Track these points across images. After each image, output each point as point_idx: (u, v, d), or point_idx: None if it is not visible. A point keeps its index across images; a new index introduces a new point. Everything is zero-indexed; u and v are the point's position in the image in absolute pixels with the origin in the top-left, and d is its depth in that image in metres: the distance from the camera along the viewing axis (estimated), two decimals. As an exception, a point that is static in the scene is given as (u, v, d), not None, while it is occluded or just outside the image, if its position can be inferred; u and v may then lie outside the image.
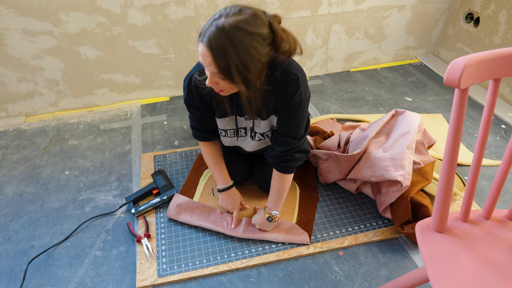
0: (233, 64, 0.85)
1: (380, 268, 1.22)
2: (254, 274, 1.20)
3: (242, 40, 0.83)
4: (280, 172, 1.19)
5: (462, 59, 0.58)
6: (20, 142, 1.79)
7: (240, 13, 0.84)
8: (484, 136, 0.71)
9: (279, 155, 1.15)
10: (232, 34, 0.82)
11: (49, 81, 1.86)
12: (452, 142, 0.68)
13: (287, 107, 1.06)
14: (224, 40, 0.82)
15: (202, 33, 0.86)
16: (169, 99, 2.10)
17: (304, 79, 1.05)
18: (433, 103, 2.07)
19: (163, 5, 1.78)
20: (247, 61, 0.86)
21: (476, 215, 0.84)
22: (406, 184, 1.25)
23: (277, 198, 1.23)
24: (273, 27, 0.88)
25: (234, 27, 0.82)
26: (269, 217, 1.24)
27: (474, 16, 2.17)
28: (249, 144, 1.27)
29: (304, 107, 1.08)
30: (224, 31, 0.82)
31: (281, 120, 1.11)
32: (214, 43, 0.83)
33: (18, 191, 1.52)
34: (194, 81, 1.08)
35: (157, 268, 1.20)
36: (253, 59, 0.86)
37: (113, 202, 1.46)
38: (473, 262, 0.73)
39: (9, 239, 1.32)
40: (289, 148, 1.13)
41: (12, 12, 1.61)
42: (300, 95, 1.03)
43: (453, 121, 0.66)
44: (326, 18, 2.10)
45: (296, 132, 1.12)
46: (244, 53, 0.84)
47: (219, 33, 0.82)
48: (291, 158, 1.15)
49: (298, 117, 1.09)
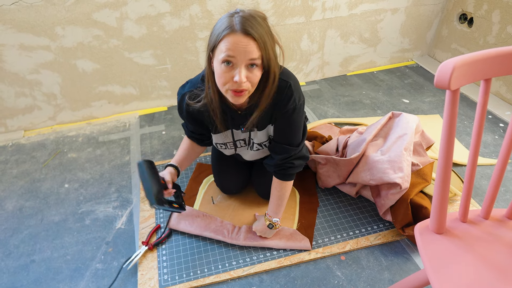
0: (267, 36, 0.89)
1: (383, 271, 1.22)
2: (256, 282, 1.20)
3: (265, 20, 0.90)
4: (280, 179, 1.19)
5: (451, 61, 0.58)
6: (19, 156, 1.79)
7: (246, 10, 0.90)
8: (478, 135, 0.71)
9: (278, 163, 1.15)
10: (258, 17, 0.88)
11: (47, 95, 1.87)
12: (446, 142, 0.69)
13: (283, 115, 1.06)
14: (257, 22, 0.86)
15: (224, 27, 0.86)
16: (167, 109, 2.11)
17: (297, 85, 1.05)
18: (431, 104, 2.07)
19: (158, 16, 1.80)
20: (272, 39, 0.92)
21: (475, 215, 0.84)
22: (405, 186, 1.24)
23: (278, 205, 1.23)
24: None
25: (255, 14, 0.88)
26: (270, 224, 1.24)
27: (468, 16, 2.18)
28: (247, 154, 1.27)
29: (300, 113, 1.08)
30: (252, 16, 0.87)
31: (277, 128, 1.11)
32: (250, 25, 0.85)
33: (18, 206, 1.52)
34: (186, 102, 1.08)
35: (158, 279, 1.20)
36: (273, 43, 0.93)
37: (113, 213, 1.46)
38: (472, 262, 0.72)
39: (9, 254, 1.32)
40: (288, 155, 1.13)
41: (8, 28, 1.62)
42: (294, 102, 1.04)
43: (446, 122, 0.66)
44: (321, 23, 2.11)
45: (293, 139, 1.12)
46: (269, 32, 0.90)
47: (250, 18, 0.86)
48: (291, 166, 1.15)
49: (294, 123, 1.09)
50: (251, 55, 0.86)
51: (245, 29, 0.84)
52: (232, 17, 0.87)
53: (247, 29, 0.84)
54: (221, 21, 0.89)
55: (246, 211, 1.42)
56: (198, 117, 1.13)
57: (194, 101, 1.06)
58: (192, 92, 1.07)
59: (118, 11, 1.72)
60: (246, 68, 0.88)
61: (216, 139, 1.21)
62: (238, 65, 0.87)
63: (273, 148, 1.16)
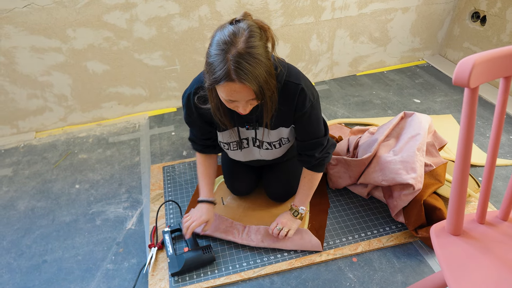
0: (263, 77, 0.86)
1: (396, 274, 1.20)
2: (267, 284, 1.19)
3: (261, 54, 0.85)
4: (315, 171, 1.21)
5: (471, 58, 0.57)
6: (31, 157, 1.81)
7: (240, 32, 0.84)
8: (497, 135, 0.69)
9: (317, 157, 1.16)
10: (253, 54, 0.83)
11: (58, 96, 1.89)
12: (464, 143, 0.67)
13: (302, 115, 1.07)
14: (250, 64, 0.83)
15: (221, 73, 0.84)
16: (176, 110, 2.11)
17: (308, 84, 1.05)
18: (442, 104, 2.04)
19: (168, 18, 1.80)
20: (269, 69, 0.88)
21: (492, 217, 0.82)
22: (419, 187, 1.22)
23: (307, 196, 1.25)
24: (259, 25, 0.89)
25: (251, 46, 0.84)
26: (296, 212, 1.25)
27: (481, 14, 2.15)
28: (255, 154, 1.26)
29: (317, 107, 1.09)
30: (248, 53, 0.83)
31: (301, 128, 1.13)
32: (245, 73, 0.83)
33: (30, 206, 1.53)
34: (193, 100, 1.09)
35: (169, 280, 1.19)
36: (270, 65, 0.90)
37: (123, 214, 1.46)
38: (491, 265, 0.70)
39: (22, 254, 1.33)
40: (322, 146, 1.15)
41: (21, 31, 1.64)
42: (310, 101, 1.05)
43: (464, 122, 0.65)
44: (330, 23, 2.10)
45: (319, 131, 1.14)
46: (265, 63, 0.87)
47: (243, 61, 0.82)
48: (327, 155, 1.18)
49: (315, 118, 1.10)
50: (249, 97, 0.90)
51: (240, 78, 0.84)
52: (228, 53, 0.83)
53: (242, 78, 0.84)
54: (216, 55, 0.85)
55: (256, 212, 1.42)
56: (207, 115, 1.12)
57: (203, 104, 1.07)
58: (199, 94, 1.07)
59: (128, 12, 1.73)
60: (246, 102, 0.93)
61: (221, 138, 1.21)
62: (239, 101, 0.92)
63: (305, 147, 1.16)
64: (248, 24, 0.86)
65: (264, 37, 0.89)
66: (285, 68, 1.02)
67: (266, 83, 0.88)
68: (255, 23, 0.89)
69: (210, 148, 1.26)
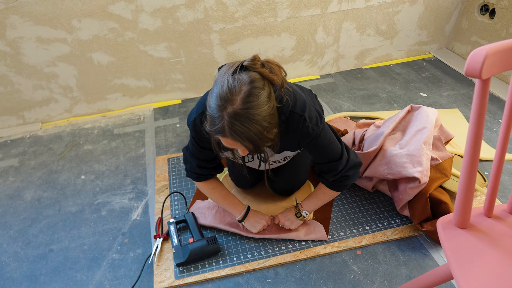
0: (257, 135, 0.86)
1: (400, 267, 1.20)
2: (271, 275, 1.19)
3: (259, 112, 0.83)
4: (332, 190, 1.18)
5: (483, 49, 0.56)
6: (37, 148, 1.82)
7: (238, 89, 0.82)
8: (507, 128, 0.68)
9: (335, 179, 1.14)
10: (248, 115, 0.82)
11: (64, 87, 1.89)
12: (473, 136, 0.66)
13: (309, 142, 1.05)
14: (244, 125, 0.83)
15: (217, 127, 0.85)
16: (181, 102, 2.11)
17: (312, 114, 1.01)
18: (449, 98, 2.02)
19: (173, 9, 1.79)
20: (268, 123, 0.87)
21: (500, 210, 0.82)
22: (424, 180, 1.22)
23: (315, 204, 1.25)
24: (263, 75, 0.86)
25: (245, 109, 0.82)
26: (299, 213, 1.25)
27: (490, 7, 2.12)
28: (260, 165, 1.27)
29: (323, 135, 1.05)
30: (240, 118, 0.82)
31: (312, 153, 1.11)
32: (238, 134, 0.84)
33: (36, 196, 1.54)
34: (199, 123, 1.04)
35: (174, 270, 1.20)
36: (271, 117, 0.88)
37: (128, 205, 1.47)
38: (498, 257, 0.70)
39: (29, 243, 1.34)
40: (337, 170, 1.11)
41: (26, 21, 1.64)
42: (314, 131, 1.01)
43: (475, 114, 0.64)
44: (336, 15, 2.08)
45: (332, 155, 1.09)
46: (263, 119, 0.85)
47: (237, 122, 0.82)
48: (346, 177, 1.14)
49: (324, 143, 1.06)
50: (245, 150, 0.93)
51: (233, 136, 0.85)
52: (224, 111, 0.82)
53: (235, 137, 0.85)
54: (214, 109, 0.84)
55: (261, 204, 1.42)
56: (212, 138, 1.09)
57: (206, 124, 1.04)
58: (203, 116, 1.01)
59: (134, 3, 1.72)
60: (243, 150, 0.95)
61: (225, 154, 1.17)
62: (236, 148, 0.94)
63: (321, 169, 1.15)
64: (251, 78, 0.83)
65: (268, 87, 0.86)
66: (292, 97, 0.98)
67: (261, 139, 0.87)
68: (261, 73, 0.85)
69: (213, 169, 1.22)
